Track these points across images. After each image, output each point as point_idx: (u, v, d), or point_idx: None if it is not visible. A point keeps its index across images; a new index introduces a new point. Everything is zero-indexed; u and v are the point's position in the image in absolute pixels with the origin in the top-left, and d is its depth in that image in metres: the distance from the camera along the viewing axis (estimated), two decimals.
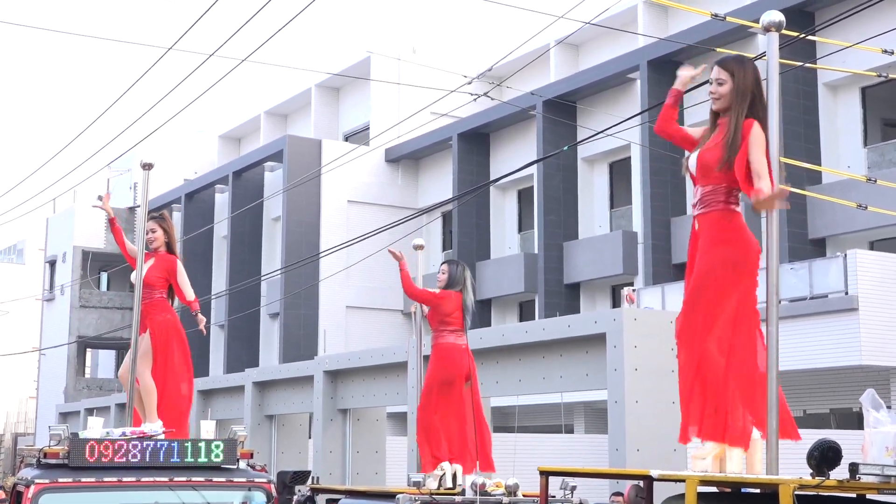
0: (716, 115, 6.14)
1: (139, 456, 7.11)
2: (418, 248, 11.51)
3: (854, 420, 23.12)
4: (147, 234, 9.53)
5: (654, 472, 5.36)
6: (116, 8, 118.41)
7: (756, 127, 5.90)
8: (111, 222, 9.94)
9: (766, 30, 5.78)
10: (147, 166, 9.19)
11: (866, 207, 17.36)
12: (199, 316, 9.87)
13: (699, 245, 5.98)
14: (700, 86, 6.43)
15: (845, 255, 21.60)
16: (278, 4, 12.37)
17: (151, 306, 9.57)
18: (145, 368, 9.35)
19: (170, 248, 9.81)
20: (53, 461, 7.13)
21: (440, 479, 10.08)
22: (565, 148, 19.38)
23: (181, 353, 9.74)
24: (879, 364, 20.95)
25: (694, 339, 5.85)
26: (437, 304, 10.32)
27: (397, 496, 9.07)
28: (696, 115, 18.81)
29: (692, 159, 6.12)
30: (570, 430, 28.87)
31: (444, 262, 10.68)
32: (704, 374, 5.81)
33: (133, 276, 9.60)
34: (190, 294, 9.75)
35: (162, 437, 7.53)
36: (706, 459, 5.69)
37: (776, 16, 5.79)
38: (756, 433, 5.86)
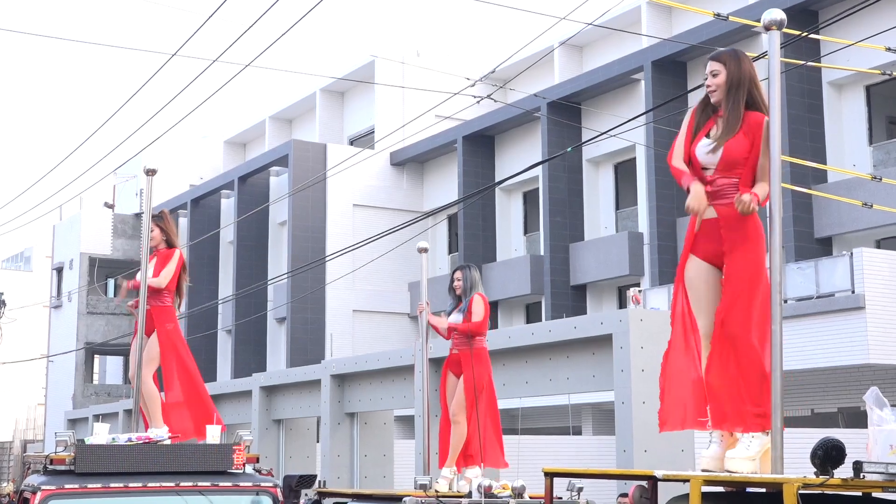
0: (707, 108, 6.12)
1: (145, 461, 7.12)
2: (422, 250, 11.51)
3: (862, 419, 23.00)
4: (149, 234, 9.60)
5: (659, 473, 5.36)
6: (121, 15, 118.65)
7: (767, 122, 5.91)
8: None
9: (768, 28, 5.78)
10: (151, 172, 9.20)
11: (872, 206, 17.36)
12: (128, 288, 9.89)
13: (728, 241, 5.94)
14: (702, 86, 6.41)
15: (851, 253, 21.56)
16: (282, 9, 12.39)
17: (158, 312, 9.58)
18: (147, 373, 9.35)
19: (170, 245, 9.84)
20: (60, 467, 7.14)
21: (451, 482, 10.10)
22: (569, 149, 19.38)
23: (190, 360, 9.78)
24: (887, 363, 20.91)
25: (744, 336, 5.82)
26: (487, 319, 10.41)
27: (404, 499, 9.09)
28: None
29: (705, 150, 6.04)
30: (577, 432, 28.84)
31: (456, 269, 10.63)
32: (753, 371, 5.79)
33: (138, 277, 9.63)
34: (160, 279, 9.56)
35: (167, 442, 7.55)
36: (756, 460, 5.64)
37: (777, 14, 5.78)
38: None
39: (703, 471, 5.67)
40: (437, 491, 9.54)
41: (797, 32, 14.91)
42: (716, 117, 6.11)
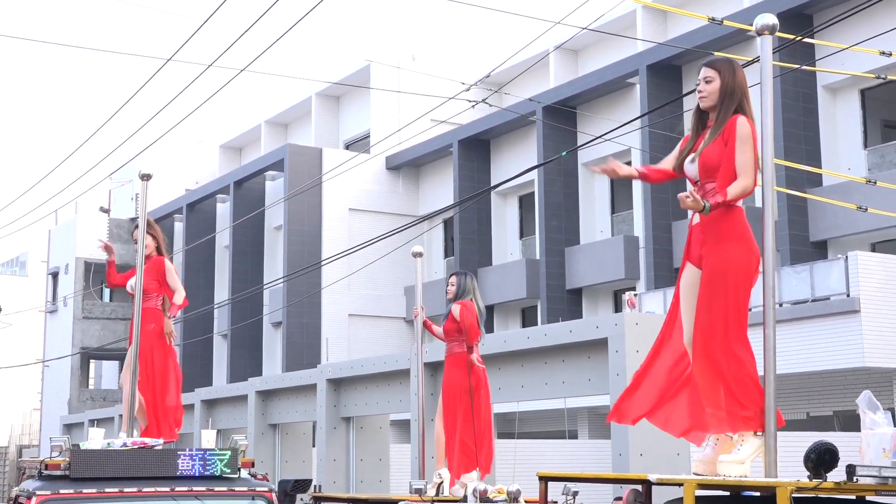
0: (702, 116, 6.18)
1: (140, 466, 7.12)
2: (417, 255, 11.54)
3: (857, 422, 23.05)
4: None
5: (653, 477, 5.38)
6: (116, 20, 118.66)
7: (742, 120, 5.93)
8: (109, 265, 10.18)
9: (760, 33, 5.81)
10: (146, 177, 9.22)
11: (867, 209, 17.40)
12: (169, 322, 10.00)
13: (706, 240, 5.98)
14: (693, 91, 6.46)
15: (846, 257, 21.59)
16: (278, 14, 12.40)
17: (143, 314, 9.66)
18: (130, 377, 9.45)
19: (160, 252, 9.98)
20: (55, 472, 7.13)
21: (438, 486, 10.12)
22: (564, 153, 19.39)
23: (164, 363, 9.83)
24: (882, 366, 20.93)
25: (715, 338, 5.83)
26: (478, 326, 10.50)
27: (399, 503, 9.09)
28: None
29: (690, 161, 6.15)
30: (573, 436, 28.84)
31: (452, 274, 10.79)
32: (731, 373, 5.78)
33: (130, 284, 9.68)
34: (180, 295, 9.91)
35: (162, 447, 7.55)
36: (746, 463, 5.66)
37: (769, 19, 5.81)
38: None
39: (695, 474, 5.68)
40: (431, 496, 9.55)
41: (791, 36, 14.93)
42: (706, 129, 6.16)
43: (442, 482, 10.11)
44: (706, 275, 5.93)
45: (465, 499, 9.29)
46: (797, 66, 18.96)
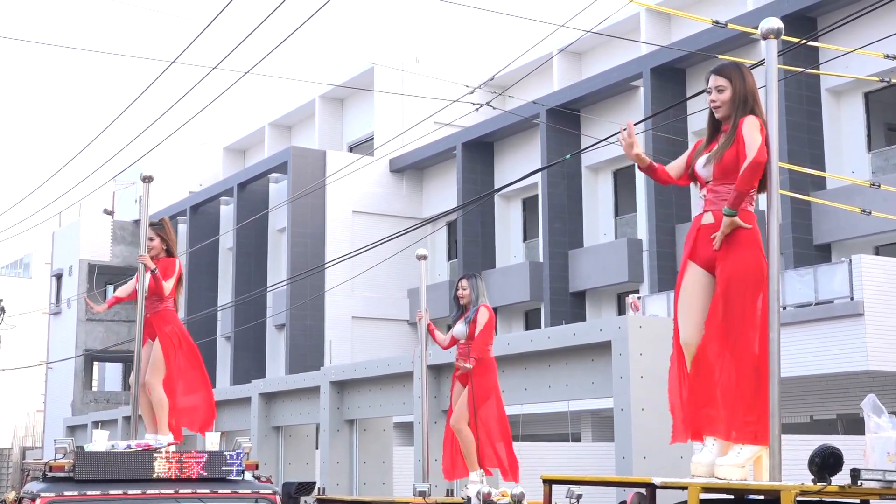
0: (716, 123, 6.16)
1: (144, 468, 7.12)
2: (421, 258, 11.53)
3: (861, 426, 22.94)
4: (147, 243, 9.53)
5: (657, 480, 5.37)
6: (120, 22, 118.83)
7: (749, 118, 5.92)
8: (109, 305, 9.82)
9: (765, 37, 5.80)
10: (147, 179, 9.20)
11: (870, 213, 17.41)
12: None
13: (721, 244, 5.95)
14: (701, 93, 6.46)
15: (850, 260, 21.57)
16: (282, 17, 12.42)
17: (158, 317, 9.55)
18: (157, 380, 9.25)
19: (169, 254, 9.76)
20: (59, 474, 7.14)
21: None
22: (568, 156, 19.39)
23: (192, 362, 9.69)
24: (886, 369, 20.90)
25: (746, 342, 5.81)
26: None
27: None
28: (700, 122, 18.76)
29: (703, 164, 6.11)
30: (577, 439, 28.83)
31: (461, 278, 10.67)
32: (751, 379, 5.77)
33: (118, 292, 9.60)
34: (166, 290, 9.55)
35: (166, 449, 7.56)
36: (745, 467, 5.66)
37: (775, 23, 5.81)
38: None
39: (695, 477, 5.68)
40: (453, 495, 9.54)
41: (795, 40, 14.94)
42: (720, 134, 6.14)
43: (481, 482, 10.07)
44: (724, 280, 5.88)
45: (468, 501, 9.29)
46: (801, 69, 18.95)
